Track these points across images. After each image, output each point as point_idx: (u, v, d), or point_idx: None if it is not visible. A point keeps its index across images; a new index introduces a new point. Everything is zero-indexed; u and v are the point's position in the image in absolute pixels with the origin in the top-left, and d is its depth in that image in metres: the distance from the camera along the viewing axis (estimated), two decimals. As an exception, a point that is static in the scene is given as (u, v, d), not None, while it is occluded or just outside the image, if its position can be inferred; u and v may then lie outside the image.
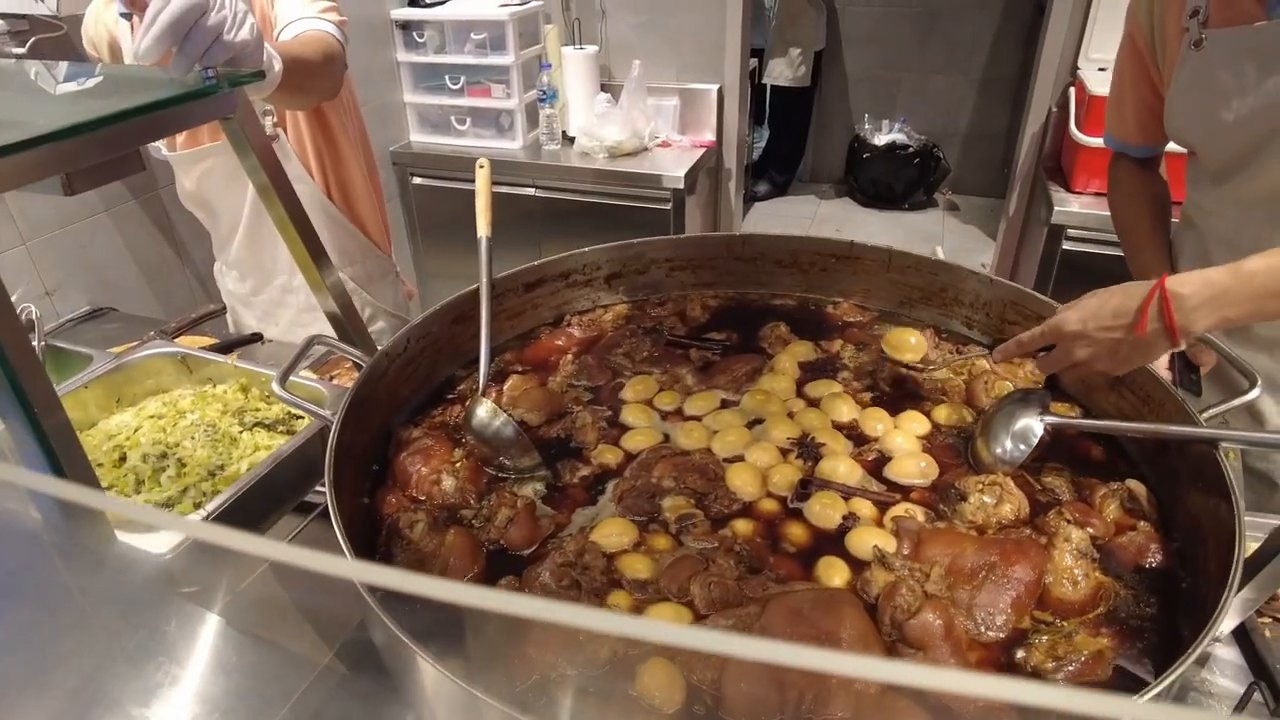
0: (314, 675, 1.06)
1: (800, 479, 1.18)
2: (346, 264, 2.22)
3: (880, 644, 0.94)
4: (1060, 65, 3.18)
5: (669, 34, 3.56)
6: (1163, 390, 1.17)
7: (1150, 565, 1.06)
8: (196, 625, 1.02)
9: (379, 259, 2.31)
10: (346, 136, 2.07)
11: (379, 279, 2.33)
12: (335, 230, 2.16)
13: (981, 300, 1.50)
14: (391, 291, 2.37)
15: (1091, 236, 2.82)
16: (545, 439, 1.31)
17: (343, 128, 2.03)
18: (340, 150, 2.07)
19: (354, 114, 2.12)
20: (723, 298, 1.73)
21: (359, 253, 2.24)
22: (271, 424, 1.39)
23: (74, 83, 1.59)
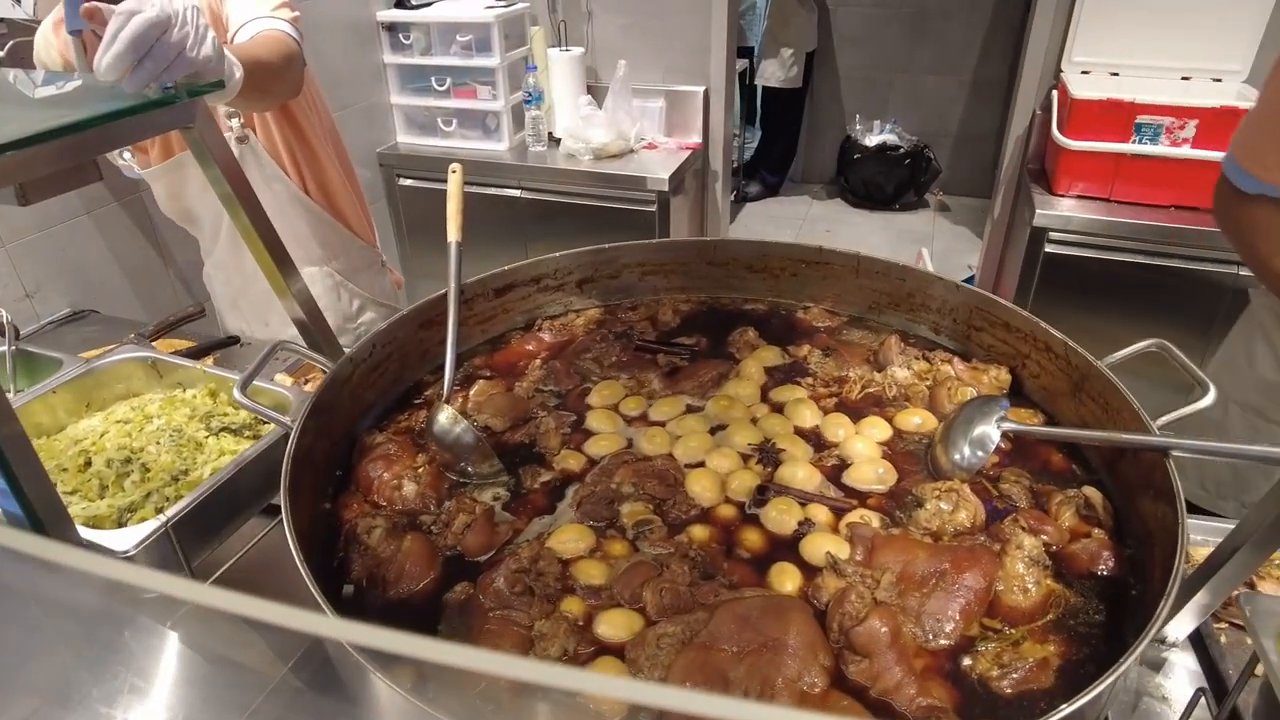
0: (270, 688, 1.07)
1: (758, 485, 1.19)
2: (331, 257, 2.23)
3: (828, 650, 0.94)
4: (1044, 68, 3.19)
5: (655, 36, 3.57)
6: (1120, 398, 1.18)
7: (1102, 572, 1.06)
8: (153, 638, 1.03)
9: (363, 250, 2.32)
10: (316, 132, 2.07)
11: (364, 270, 2.33)
12: (317, 225, 2.16)
13: (948, 306, 1.51)
14: (379, 281, 2.38)
15: (1073, 239, 2.82)
16: (509, 444, 1.32)
17: (311, 124, 2.04)
18: (312, 146, 2.07)
19: (321, 109, 2.12)
20: (695, 302, 1.74)
21: (342, 246, 2.25)
22: (238, 429, 1.39)
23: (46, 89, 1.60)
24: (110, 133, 1.02)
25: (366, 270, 2.34)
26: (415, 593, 1.07)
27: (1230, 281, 2.70)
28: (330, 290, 2.26)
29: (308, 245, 2.18)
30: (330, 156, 2.16)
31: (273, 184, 2.04)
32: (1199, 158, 2.67)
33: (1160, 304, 2.82)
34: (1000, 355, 1.44)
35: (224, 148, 1.24)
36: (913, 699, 0.89)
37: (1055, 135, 2.85)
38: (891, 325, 1.60)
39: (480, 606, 1.03)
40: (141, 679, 1.03)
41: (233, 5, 1.67)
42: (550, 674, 0.35)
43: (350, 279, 2.29)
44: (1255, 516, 0.97)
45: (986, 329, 1.45)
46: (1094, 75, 3.03)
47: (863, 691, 0.91)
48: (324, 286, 2.24)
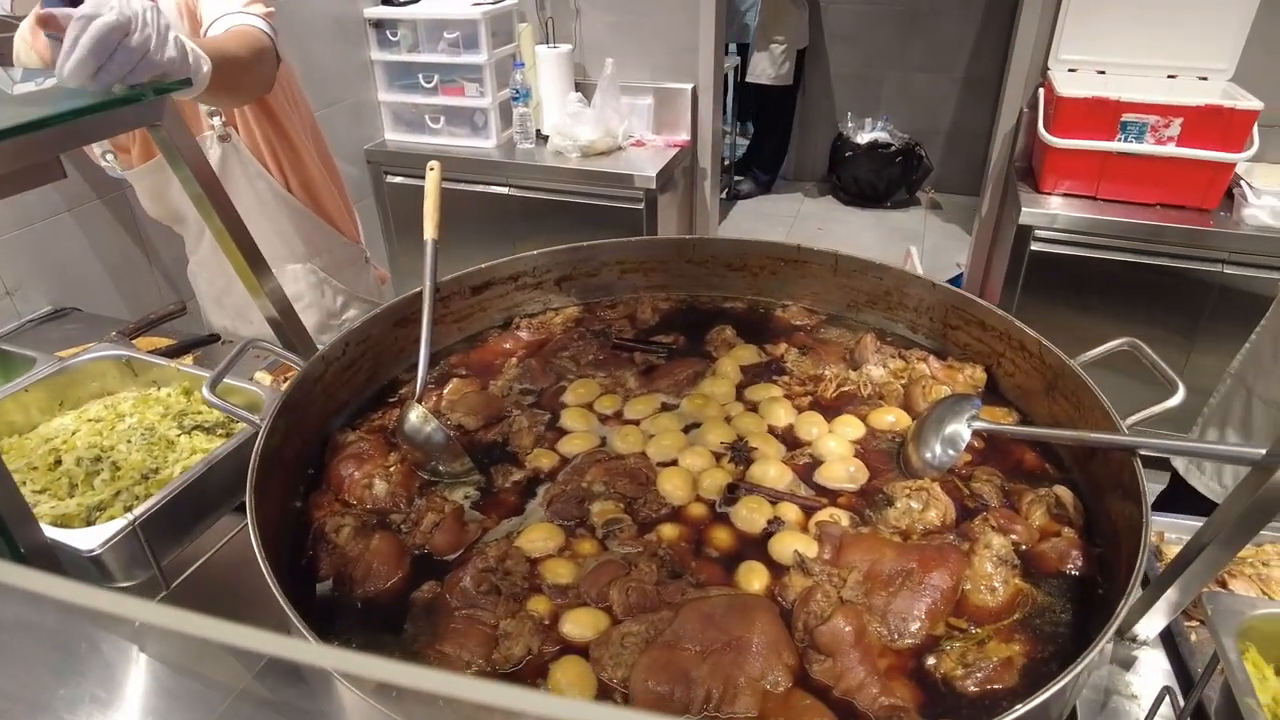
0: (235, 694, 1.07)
1: (728, 483, 1.19)
2: (314, 254, 2.22)
3: (792, 649, 0.94)
4: (1031, 66, 3.18)
5: (643, 33, 3.56)
6: (1092, 397, 1.17)
7: (1071, 571, 1.06)
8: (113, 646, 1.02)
9: (346, 246, 2.31)
10: (297, 129, 2.06)
11: (348, 266, 2.33)
12: (300, 222, 2.16)
13: (925, 305, 1.51)
14: (363, 278, 2.38)
15: (1058, 237, 2.82)
16: (482, 443, 1.32)
17: (292, 121, 2.03)
18: (294, 143, 2.07)
19: (302, 106, 2.11)
20: (674, 300, 1.73)
21: (325, 242, 2.24)
22: (211, 427, 1.39)
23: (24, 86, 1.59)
24: (73, 130, 1.01)
25: (350, 266, 2.34)
26: (382, 591, 1.06)
27: (1215, 280, 2.71)
28: (314, 287, 2.25)
29: (291, 242, 2.17)
30: (312, 153, 2.15)
31: (255, 182, 2.04)
32: (1184, 156, 2.67)
33: (1146, 302, 2.82)
34: (976, 354, 1.43)
35: (194, 146, 1.23)
36: (875, 698, 0.89)
37: (1041, 133, 2.85)
38: (870, 324, 1.60)
39: (446, 605, 1.03)
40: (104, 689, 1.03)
41: (206, 1, 1.66)
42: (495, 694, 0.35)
43: (334, 275, 2.29)
44: (1222, 514, 0.97)
45: (962, 327, 1.45)
46: (1081, 73, 3.03)
47: (826, 691, 0.91)
48: (308, 283, 2.24)
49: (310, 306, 2.25)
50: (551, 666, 0.94)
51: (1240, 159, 2.63)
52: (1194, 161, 2.66)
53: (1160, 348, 1.24)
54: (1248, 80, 2.83)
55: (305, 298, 2.24)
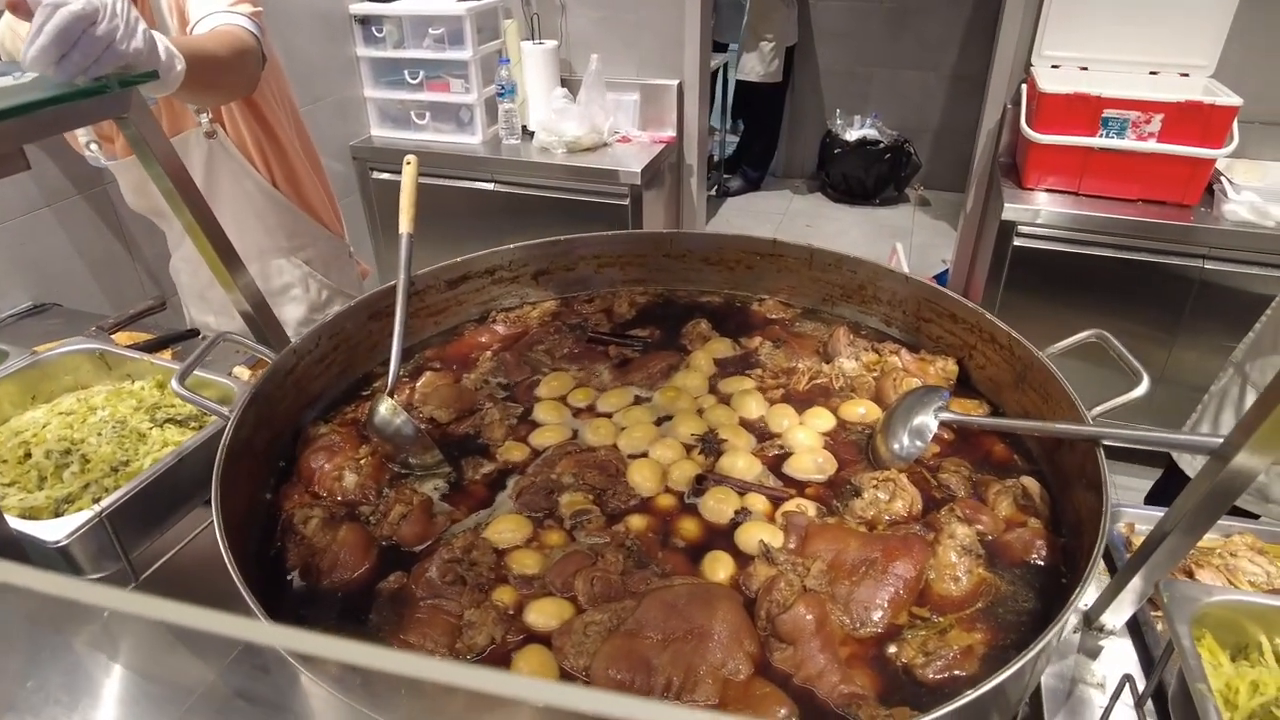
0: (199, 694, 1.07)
1: (696, 474, 1.19)
2: (299, 249, 2.22)
3: (754, 638, 0.95)
4: (1015, 62, 3.19)
5: (629, 29, 3.56)
6: (1059, 388, 1.18)
7: (1035, 561, 1.07)
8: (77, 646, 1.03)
9: (331, 241, 2.32)
10: (282, 126, 2.06)
11: (333, 261, 2.33)
12: (285, 217, 2.16)
13: (898, 298, 1.51)
14: (347, 272, 2.39)
15: (1041, 233, 2.83)
16: (453, 436, 1.32)
17: (277, 118, 2.03)
18: (279, 139, 2.07)
19: (287, 103, 2.11)
20: (651, 294, 1.74)
21: (310, 237, 2.25)
22: (184, 420, 1.38)
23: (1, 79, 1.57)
24: (34, 122, 1.01)
25: (335, 261, 2.34)
26: (349, 582, 1.06)
27: (1196, 275, 2.72)
28: (299, 281, 2.26)
29: (276, 237, 2.18)
30: (297, 150, 2.15)
31: (241, 178, 2.04)
32: (1165, 152, 2.68)
33: (1128, 297, 2.83)
34: (948, 347, 1.44)
35: (164, 141, 1.23)
36: (835, 686, 0.89)
37: (1024, 129, 2.85)
38: (845, 317, 1.61)
39: (412, 596, 1.03)
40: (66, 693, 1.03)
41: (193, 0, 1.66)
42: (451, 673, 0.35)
43: (319, 270, 2.29)
44: (1182, 502, 0.98)
45: (935, 320, 1.45)
46: (1064, 69, 3.04)
47: (787, 679, 0.92)
48: (293, 277, 2.24)
49: (297, 299, 2.26)
50: (515, 655, 0.94)
51: (1220, 155, 2.64)
52: (1175, 157, 2.67)
53: (1143, 343, 1.25)
54: (1228, 77, 2.84)
55: (293, 289, 2.25)
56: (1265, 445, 0.86)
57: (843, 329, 1.49)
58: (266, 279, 2.21)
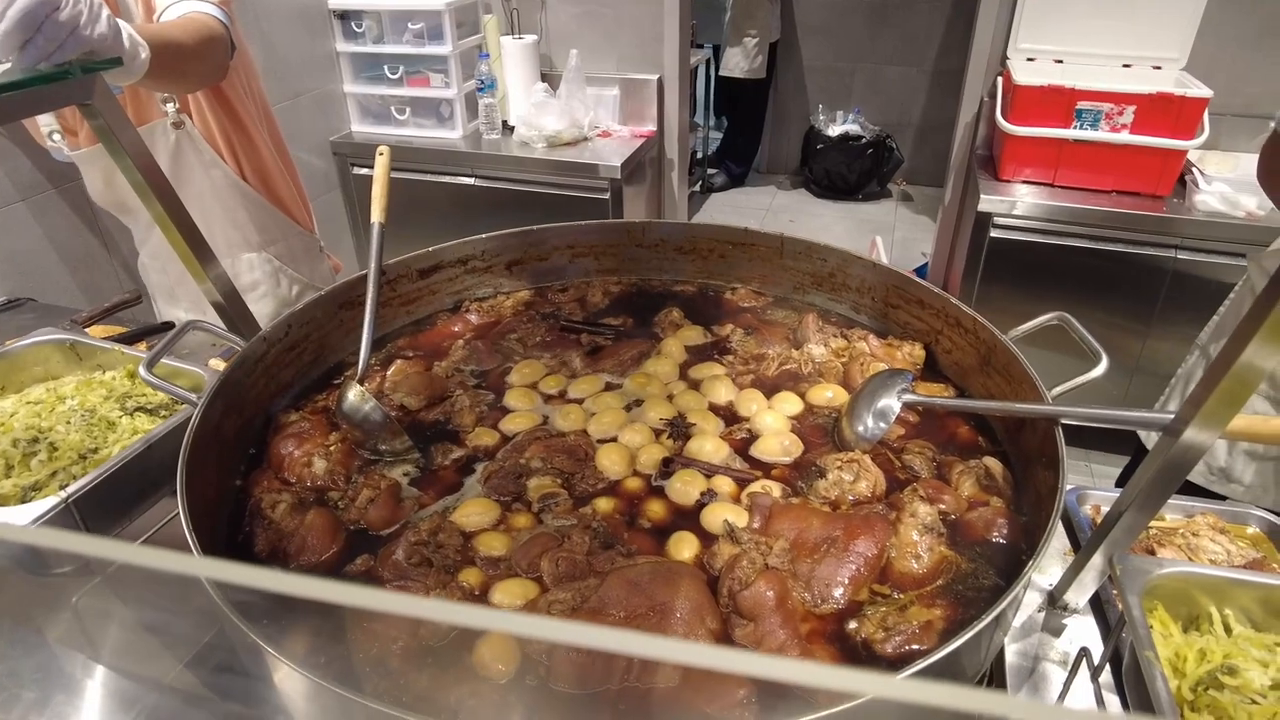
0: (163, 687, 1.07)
1: (664, 457, 1.20)
2: (269, 242, 2.22)
3: (715, 614, 0.96)
4: (992, 56, 3.22)
5: (608, 24, 3.56)
6: (1021, 370, 1.20)
7: (997, 539, 1.08)
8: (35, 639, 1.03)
9: (301, 235, 2.31)
10: (251, 118, 2.06)
11: (303, 256, 2.33)
12: (255, 211, 2.15)
13: (867, 285, 1.53)
14: (318, 267, 2.38)
15: (1017, 224, 2.86)
16: (424, 423, 1.32)
17: (246, 110, 2.02)
18: (248, 132, 2.06)
19: (257, 96, 2.10)
20: (625, 284, 1.74)
21: (281, 231, 2.24)
22: (154, 409, 1.38)
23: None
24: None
25: (305, 256, 2.34)
26: (317, 565, 1.07)
27: (1169, 264, 2.75)
28: (270, 276, 2.25)
29: (246, 231, 2.17)
30: (266, 143, 2.14)
31: (210, 169, 2.03)
32: (1138, 143, 2.71)
33: (1103, 287, 2.86)
34: (916, 332, 1.46)
35: (131, 130, 1.23)
36: (794, 661, 0.90)
37: (999, 121, 2.88)
38: (816, 305, 1.62)
39: (379, 578, 1.03)
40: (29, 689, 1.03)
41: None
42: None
43: (289, 265, 2.28)
44: (1137, 478, 1.00)
45: (903, 306, 1.47)
46: (1039, 62, 3.07)
47: (748, 655, 0.92)
48: (263, 272, 2.23)
49: (266, 295, 2.24)
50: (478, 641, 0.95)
51: (1191, 146, 2.67)
52: (1147, 149, 2.70)
53: (1118, 333, 1.26)
54: (1200, 69, 2.87)
55: (261, 286, 2.24)
56: (1212, 419, 0.88)
57: (812, 315, 1.50)
58: (236, 275, 2.20)
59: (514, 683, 0.90)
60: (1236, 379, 0.83)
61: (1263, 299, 0.81)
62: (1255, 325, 0.80)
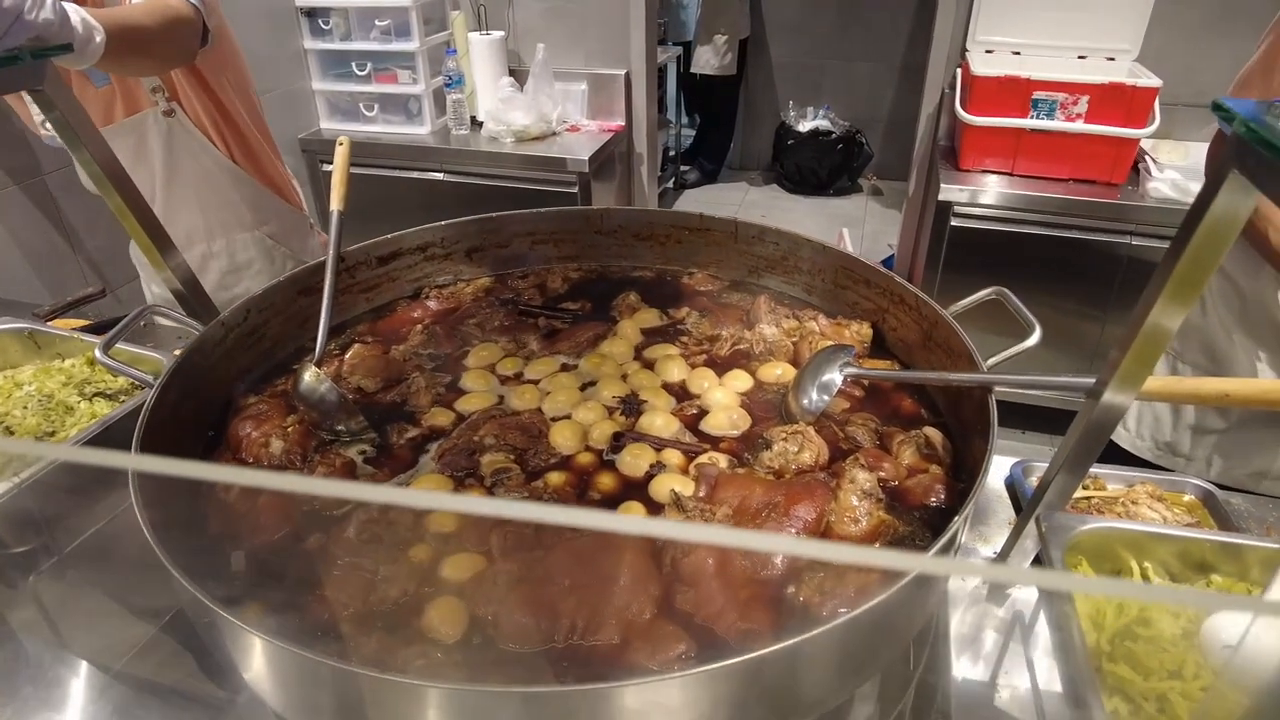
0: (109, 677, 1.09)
1: (614, 432, 1.23)
2: (262, 222, 2.25)
3: (659, 581, 0.98)
4: (951, 48, 3.27)
5: (575, 19, 3.59)
6: (960, 343, 1.23)
7: (934, 504, 1.12)
8: None
9: (292, 213, 2.35)
10: (235, 105, 2.08)
11: (294, 232, 2.36)
12: (247, 192, 2.19)
13: (817, 267, 1.56)
14: (309, 242, 2.41)
15: (976, 213, 2.91)
16: (380, 404, 1.34)
17: (229, 95, 2.05)
18: (232, 117, 2.09)
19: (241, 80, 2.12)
20: (585, 270, 1.77)
21: (273, 210, 2.27)
22: (114, 394, 1.39)
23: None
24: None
25: (297, 232, 2.37)
26: (270, 544, 1.08)
27: (1124, 250, 2.81)
28: (264, 254, 2.28)
29: (240, 212, 2.20)
30: (249, 120, 2.17)
31: (200, 155, 2.07)
32: (1092, 132, 2.77)
33: (1062, 274, 2.91)
34: (864, 311, 1.49)
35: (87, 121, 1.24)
36: (732, 623, 0.93)
37: (958, 111, 2.93)
38: (770, 288, 1.65)
39: (331, 555, 1.05)
40: None
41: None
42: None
43: (282, 242, 2.32)
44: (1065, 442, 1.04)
45: (851, 286, 1.51)
46: (997, 54, 3.13)
47: (688, 619, 0.95)
48: (258, 250, 2.27)
49: (261, 273, 2.28)
50: (427, 606, 0.97)
51: (1143, 135, 2.73)
52: (1101, 137, 2.76)
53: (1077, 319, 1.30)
54: (1152, 60, 2.94)
55: (257, 263, 2.27)
56: (1128, 380, 0.92)
57: (764, 297, 1.53)
58: (232, 255, 2.23)
59: (461, 643, 0.93)
60: (1147, 339, 0.88)
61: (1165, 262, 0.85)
62: (1159, 287, 0.85)
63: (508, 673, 0.91)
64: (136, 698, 1.13)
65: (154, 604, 1.21)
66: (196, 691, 1.13)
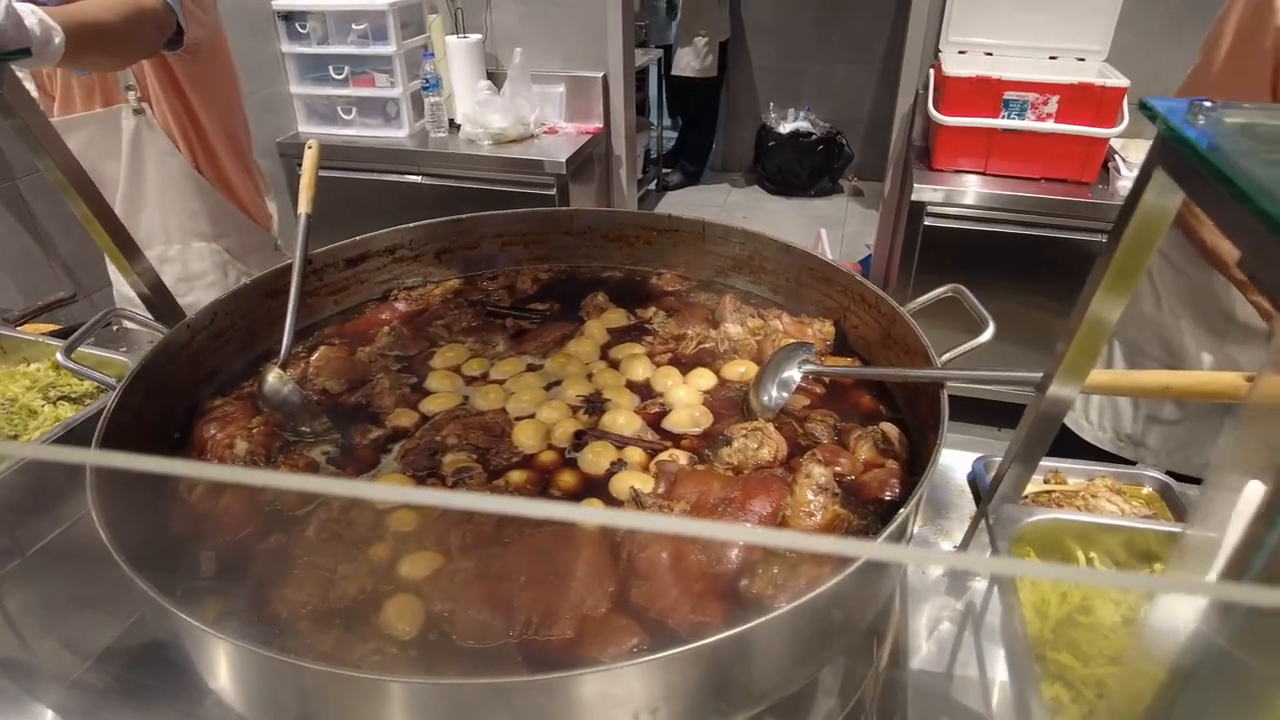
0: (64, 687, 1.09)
1: (576, 430, 1.24)
2: (221, 234, 2.24)
3: (615, 577, 1.00)
4: (925, 50, 3.30)
5: (552, 22, 3.60)
6: (915, 339, 1.25)
7: (889, 498, 1.14)
8: None
9: (255, 231, 2.33)
10: (207, 110, 2.08)
11: (256, 250, 2.35)
12: (208, 202, 2.18)
13: (782, 266, 1.58)
14: (271, 262, 2.39)
15: (949, 212, 2.94)
16: (345, 406, 1.35)
17: (201, 99, 2.05)
18: (202, 125, 2.09)
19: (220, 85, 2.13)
20: (555, 271, 1.78)
21: (234, 224, 2.26)
22: (79, 398, 1.40)
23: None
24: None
25: (259, 251, 2.36)
26: (232, 544, 1.09)
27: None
28: (218, 267, 2.27)
29: (199, 220, 2.20)
30: (220, 135, 2.17)
31: (166, 158, 2.08)
32: (1062, 131, 2.80)
33: (1034, 273, 2.94)
34: (827, 310, 1.51)
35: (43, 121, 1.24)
36: (685, 616, 0.95)
37: (931, 112, 2.96)
38: (737, 287, 1.67)
39: (292, 555, 1.06)
40: None
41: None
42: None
43: (240, 258, 2.31)
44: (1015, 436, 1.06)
45: (814, 285, 1.52)
46: (970, 55, 3.16)
47: (643, 612, 0.97)
48: (213, 263, 2.26)
49: (213, 285, 2.27)
50: (385, 603, 0.98)
51: (1112, 134, 2.77)
52: (1071, 136, 2.79)
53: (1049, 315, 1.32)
54: (1121, 61, 2.97)
55: (209, 275, 2.26)
56: (1072, 371, 0.94)
57: (729, 296, 1.55)
58: (185, 262, 2.23)
59: (417, 640, 0.94)
60: (1088, 330, 0.90)
61: (1102, 255, 0.87)
62: (1098, 280, 0.87)
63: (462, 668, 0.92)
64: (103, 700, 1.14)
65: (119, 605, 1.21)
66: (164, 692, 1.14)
